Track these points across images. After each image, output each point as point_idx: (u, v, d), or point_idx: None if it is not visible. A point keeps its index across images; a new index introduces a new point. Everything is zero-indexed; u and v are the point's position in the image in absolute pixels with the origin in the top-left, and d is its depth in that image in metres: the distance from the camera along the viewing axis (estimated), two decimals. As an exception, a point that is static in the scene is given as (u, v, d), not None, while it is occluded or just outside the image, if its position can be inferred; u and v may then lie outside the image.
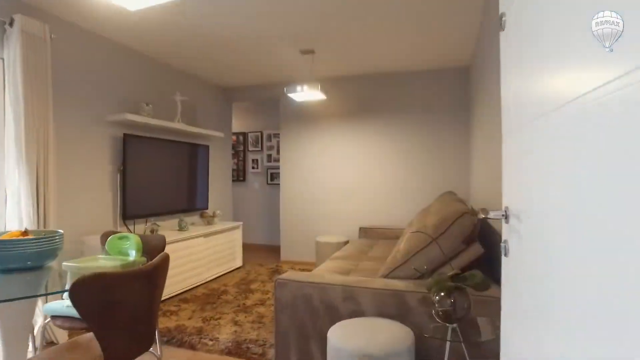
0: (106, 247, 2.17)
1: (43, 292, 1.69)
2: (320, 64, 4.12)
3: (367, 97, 4.66)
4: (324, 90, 3.92)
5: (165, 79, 4.07)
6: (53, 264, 1.82)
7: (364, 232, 4.42)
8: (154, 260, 1.41)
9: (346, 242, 4.35)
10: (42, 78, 2.45)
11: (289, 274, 2.17)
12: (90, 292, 1.15)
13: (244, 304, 3.30)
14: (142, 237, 2.19)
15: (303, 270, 4.55)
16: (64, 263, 1.90)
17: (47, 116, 2.50)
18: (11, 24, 2.37)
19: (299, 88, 3.66)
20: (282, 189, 5.07)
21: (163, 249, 2.16)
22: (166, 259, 1.49)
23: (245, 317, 2.99)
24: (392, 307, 1.92)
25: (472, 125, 3.94)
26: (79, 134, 3.06)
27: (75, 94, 3.02)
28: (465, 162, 4.28)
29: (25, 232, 1.81)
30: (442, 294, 1.53)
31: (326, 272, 2.66)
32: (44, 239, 1.68)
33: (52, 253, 1.71)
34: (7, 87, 2.37)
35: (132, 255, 2.08)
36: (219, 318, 2.96)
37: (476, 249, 2.01)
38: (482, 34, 3.05)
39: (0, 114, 2.42)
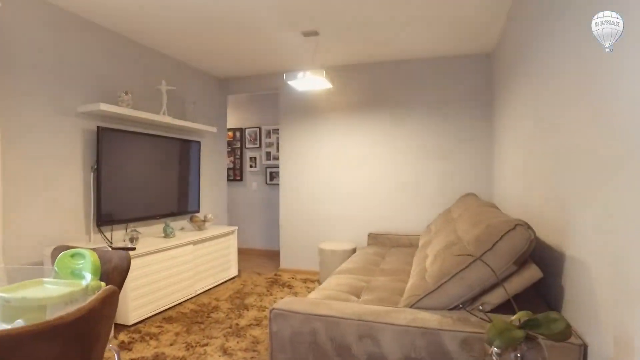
0: (55, 266, 1.72)
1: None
2: (324, 50, 3.64)
3: (376, 88, 4.17)
4: (329, 79, 3.44)
5: (149, 65, 3.60)
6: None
7: (374, 238, 3.94)
8: (87, 304, 0.96)
9: (354, 250, 3.88)
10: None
11: (287, 302, 1.71)
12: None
13: (236, 324, 2.84)
14: (101, 254, 1.73)
15: (305, 280, 4.08)
16: (-11, 292, 1.44)
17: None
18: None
19: (300, 74, 3.19)
20: (282, 190, 4.60)
21: (127, 270, 1.70)
22: (109, 297, 1.03)
23: (237, 342, 2.53)
24: (423, 351, 1.45)
25: (496, 120, 3.47)
26: (40, 125, 2.60)
27: (34, 77, 2.55)
28: (487, 161, 3.80)
29: None
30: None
31: (334, 294, 2.20)
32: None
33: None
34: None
35: (87, 278, 1.63)
36: (206, 344, 2.50)
37: (532, 272, 1.55)
38: (514, 15, 2.57)
39: None
